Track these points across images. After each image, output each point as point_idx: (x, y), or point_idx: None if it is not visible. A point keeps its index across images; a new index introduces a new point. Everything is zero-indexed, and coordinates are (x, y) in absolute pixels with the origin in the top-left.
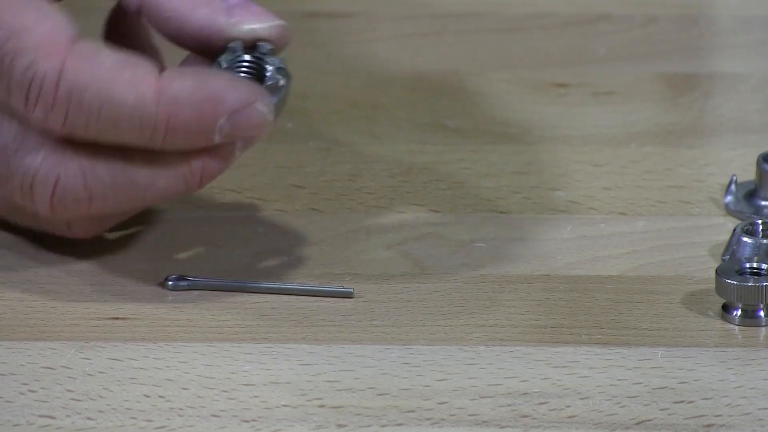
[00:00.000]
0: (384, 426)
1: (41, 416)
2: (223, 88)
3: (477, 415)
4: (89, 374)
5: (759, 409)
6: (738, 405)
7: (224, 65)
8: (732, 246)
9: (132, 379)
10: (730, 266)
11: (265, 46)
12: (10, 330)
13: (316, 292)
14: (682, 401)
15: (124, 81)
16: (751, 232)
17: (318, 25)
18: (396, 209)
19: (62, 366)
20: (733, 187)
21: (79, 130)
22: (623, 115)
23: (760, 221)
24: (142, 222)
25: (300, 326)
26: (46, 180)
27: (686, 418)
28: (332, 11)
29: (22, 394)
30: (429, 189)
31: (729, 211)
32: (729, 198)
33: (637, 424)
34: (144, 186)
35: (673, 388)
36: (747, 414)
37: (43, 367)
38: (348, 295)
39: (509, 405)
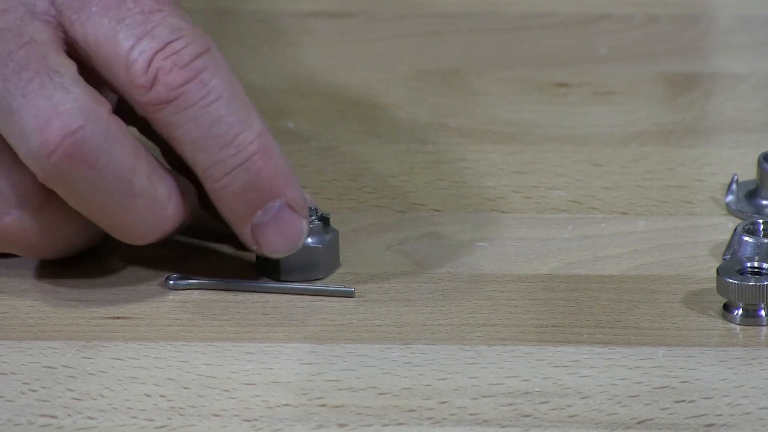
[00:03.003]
0: (385, 425)
1: (42, 415)
2: (296, 179)
3: (478, 414)
4: (90, 373)
5: (760, 408)
6: (739, 404)
7: None
8: (733, 245)
9: (133, 378)
10: (731, 266)
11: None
12: (11, 329)
13: (317, 292)
14: (683, 401)
15: (241, 112)
16: (752, 232)
17: (318, 25)
18: (397, 209)
19: (63, 365)
20: (734, 186)
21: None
22: (624, 114)
23: (761, 221)
24: None
25: (301, 326)
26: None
27: (687, 418)
28: (332, 11)
29: (23, 393)
30: (430, 188)
31: (730, 210)
32: (730, 197)
33: (638, 423)
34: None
35: (674, 388)
36: (748, 413)
37: (44, 367)
38: (349, 295)
39: (510, 404)
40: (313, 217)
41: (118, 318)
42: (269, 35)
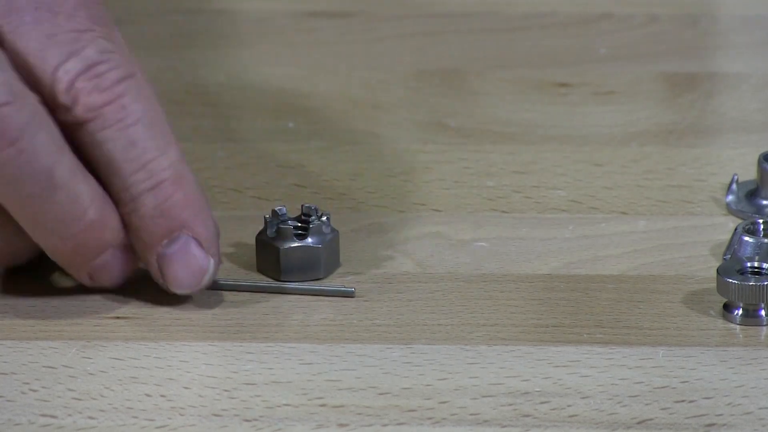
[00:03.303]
0: (385, 425)
1: (42, 415)
2: (208, 216)
3: (478, 414)
4: (90, 373)
5: (760, 408)
6: (739, 404)
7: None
8: (733, 245)
9: (133, 378)
10: (731, 265)
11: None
12: (11, 329)
13: (317, 292)
14: (684, 400)
15: (157, 138)
16: (752, 232)
17: (318, 25)
18: (397, 208)
19: (63, 365)
20: (734, 186)
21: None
22: (624, 114)
23: (761, 220)
24: None
25: (301, 325)
26: None
27: (687, 418)
28: (332, 11)
29: (23, 393)
30: (430, 188)
31: (730, 210)
32: (730, 197)
33: (639, 423)
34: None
35: (674, 388)
36: (748, 413)
37: (44, 367)
38: (349, 295)
39: (510, 404)
40: (313, 217)
41: (118, 318)
42: (270, 35)
